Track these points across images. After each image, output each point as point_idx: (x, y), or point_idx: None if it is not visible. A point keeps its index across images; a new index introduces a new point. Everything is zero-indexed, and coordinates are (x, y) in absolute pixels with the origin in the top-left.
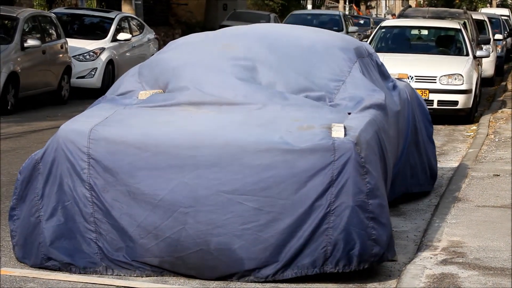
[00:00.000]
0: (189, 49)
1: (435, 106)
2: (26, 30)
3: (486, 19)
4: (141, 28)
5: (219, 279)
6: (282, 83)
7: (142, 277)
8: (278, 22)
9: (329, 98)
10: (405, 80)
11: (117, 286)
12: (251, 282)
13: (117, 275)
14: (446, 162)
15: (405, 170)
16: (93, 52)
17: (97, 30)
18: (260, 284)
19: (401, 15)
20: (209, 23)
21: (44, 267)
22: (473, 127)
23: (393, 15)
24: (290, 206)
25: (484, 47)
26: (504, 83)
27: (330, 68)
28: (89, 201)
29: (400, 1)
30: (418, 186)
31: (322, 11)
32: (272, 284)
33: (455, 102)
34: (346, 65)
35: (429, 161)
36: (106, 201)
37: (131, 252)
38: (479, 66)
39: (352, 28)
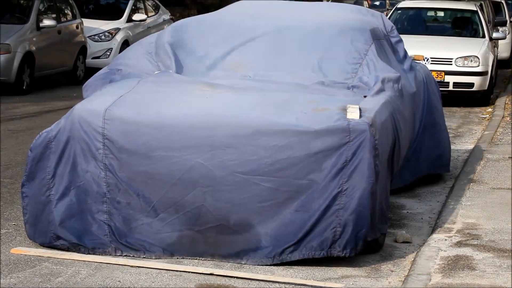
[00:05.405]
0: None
1: (450, 88)
2: (42, 10)
3: (503, 1)
4: (156, 8)
5: (232, 256)
6: (298, 70)
7: (152, 259)
8: None
9: (346, 81)
10: (420, 62)
11: (132, 266)
12: (259, 265)
13: (126, 255)
14: (462, 144)
15: (419, 151)
16: (109, 33)
17: (112, 11)
18: (274, 266)
19: None
20: (224, 3)
21: (53, 246)
22: (489, 109)
23: None
24: (305, 187)
25: (501, 29)
26: None
27: (346, 52)
28: (103, 182)
29: None
30: (433, 168)
31: None
32: (285, 265)
33: (471, 84)
34: (362, 47)
35: (443, 143)
36: (122, 181)
37: (146, 230)
38: (495, 48)
39: None
